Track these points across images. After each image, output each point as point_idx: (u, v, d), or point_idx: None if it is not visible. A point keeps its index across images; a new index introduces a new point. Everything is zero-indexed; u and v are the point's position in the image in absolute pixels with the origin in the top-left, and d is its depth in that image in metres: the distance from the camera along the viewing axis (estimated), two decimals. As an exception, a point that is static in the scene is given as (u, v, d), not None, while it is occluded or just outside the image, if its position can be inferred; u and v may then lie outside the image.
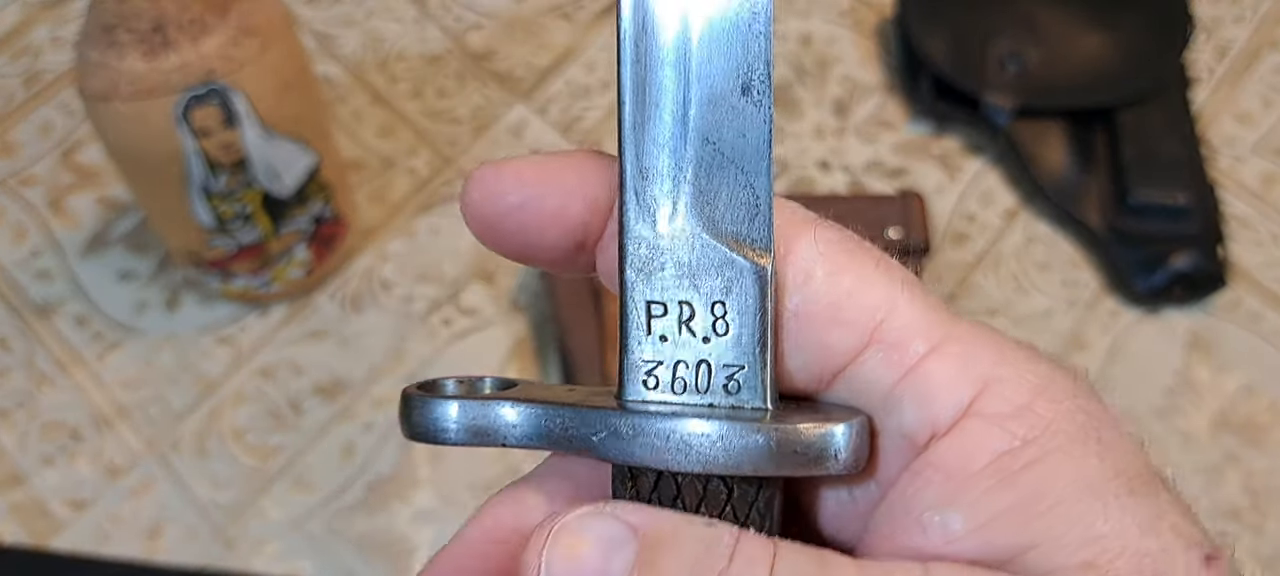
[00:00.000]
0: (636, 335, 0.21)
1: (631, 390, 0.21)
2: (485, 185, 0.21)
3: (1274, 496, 0.62)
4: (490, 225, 0.21)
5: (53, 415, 0.64)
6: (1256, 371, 0.65)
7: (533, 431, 0.20)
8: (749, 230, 0.20)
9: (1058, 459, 0.18)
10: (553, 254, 0.21)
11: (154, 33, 0.51)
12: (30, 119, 0.75)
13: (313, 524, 0.61)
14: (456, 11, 0.79)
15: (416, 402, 0.21)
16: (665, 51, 0.20)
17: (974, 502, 0.18)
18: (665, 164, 0.20)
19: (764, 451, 0.19)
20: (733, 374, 0.20)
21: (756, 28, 0.20)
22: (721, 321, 0.20)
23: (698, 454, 0.19)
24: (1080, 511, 0.17)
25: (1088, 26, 0.74)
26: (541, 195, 0.21)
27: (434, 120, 0.75)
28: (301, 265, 0.65)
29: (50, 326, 0.67)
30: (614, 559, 0.18)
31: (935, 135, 0.74)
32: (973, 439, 0.18)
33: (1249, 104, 0.75)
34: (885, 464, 0.19)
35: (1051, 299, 0.68)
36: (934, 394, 0.19)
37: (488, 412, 0.21)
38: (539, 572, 0.18)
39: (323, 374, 0.65)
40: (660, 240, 0.20)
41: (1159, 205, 0.67)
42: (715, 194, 0.20)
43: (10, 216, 0.71)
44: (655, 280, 0.20)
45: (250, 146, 0.56)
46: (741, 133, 0.20)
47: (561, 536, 0.19)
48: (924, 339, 0.19)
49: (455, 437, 0.21)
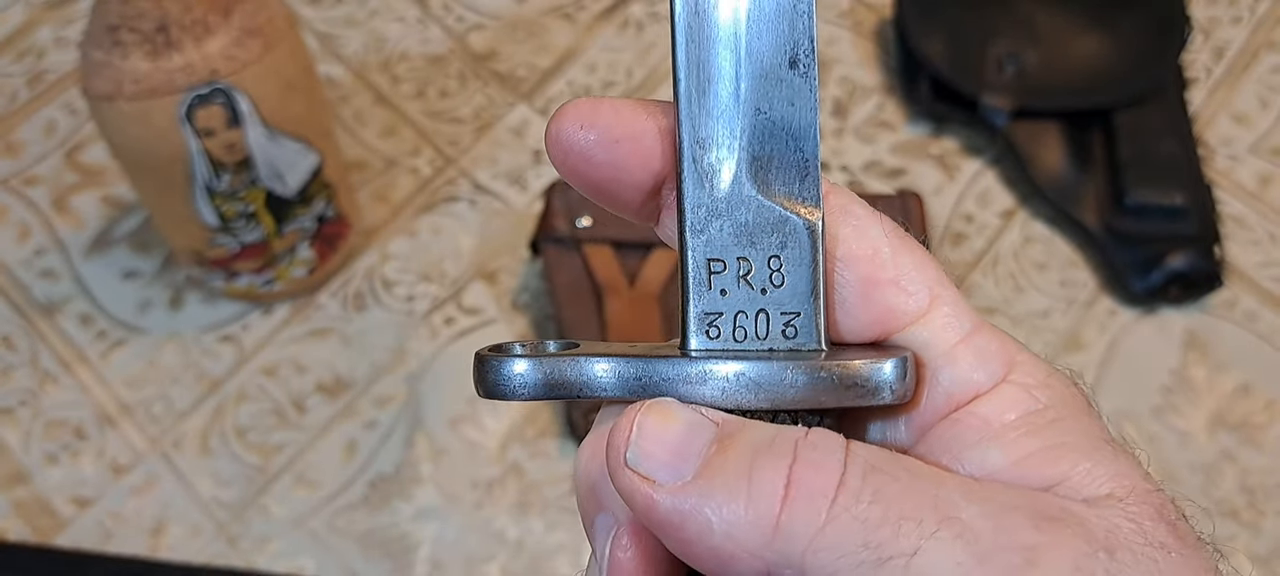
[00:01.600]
0: (698, 289, 0.22)
1: (696, 340, 0.22)
2: (583, 116, 0.22)
3: (1270, 494, 0.62)
4: (583, 156, 0.22)
5: (56, 413, 0.64)
6: (1253, 370, 0.66)
7: (608, 382, 0.22)
8: (800, 189, 0.22)
9: (1073, 420, 0.21)
10: (632, 193, 0.23)
11: (158, 33, 0.52)
12: (34, 119, 0.75)
13: (315, 521, 0.61)
14: (458, 12, 0.80)
15: (491, 362, 0.22)
16: (718, 31, 0.22)
17: (1010, 443, 0.21)
18: (720, 133, 0.22)
19: (828, 384, 0.21)
20: (790, 320, 0.22)
21: (801, 6, 0.22)
22: (777, 274, 0.22)
23: (767, 391, 0.21)
24: (1098, 457, 0.21)
25: (1085, 28, 0.74)
26: (640, 133, 0.22)
27: (436, 120, 0.75)
28: (304, 264, 0.66)
29: (54, 325, 0.67)
30: (697, 434, 0.21)
31: (934, 136, 0.74)
32: (1008, 399, 0.21)
33: (1246, 105, 0.75)
34: (927, 409, 0.22)
35: (1049, 298, 0.68)
36: (985, 358, 0.22)
37: (562, 367, 0.22)
38: (631, 431, 0.21)
39: (325, 372, 0.66)
40: (718, 203, 0.22)
41: (1156, 205, 0.67)
42: (768, 159, 0.22)
43: (14, 216, 0.71)
44: (714, 239, 0.22)
45: (253, 146, 0.57)
46: (790, 101, 0.22)
47: (655, 410, 0.21)
48: (971, 316, 0.22)
49: (530, 392, 0.22)
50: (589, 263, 0.64)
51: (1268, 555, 0.61)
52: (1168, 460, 0.63)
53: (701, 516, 0.20)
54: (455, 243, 0.70)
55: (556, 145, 0.22)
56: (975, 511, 0.19)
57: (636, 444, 0.21)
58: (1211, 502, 0.62)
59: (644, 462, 0.20)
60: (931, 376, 0.22)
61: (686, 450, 0.20)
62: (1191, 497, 0.51)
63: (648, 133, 0.22)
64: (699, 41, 0.22)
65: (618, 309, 0.63)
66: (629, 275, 0.64)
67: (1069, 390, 0.22)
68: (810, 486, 0.19)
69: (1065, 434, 0.21)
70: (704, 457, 0.20)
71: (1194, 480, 0.62)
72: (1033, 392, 0.21)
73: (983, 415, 0.21)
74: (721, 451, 0.20)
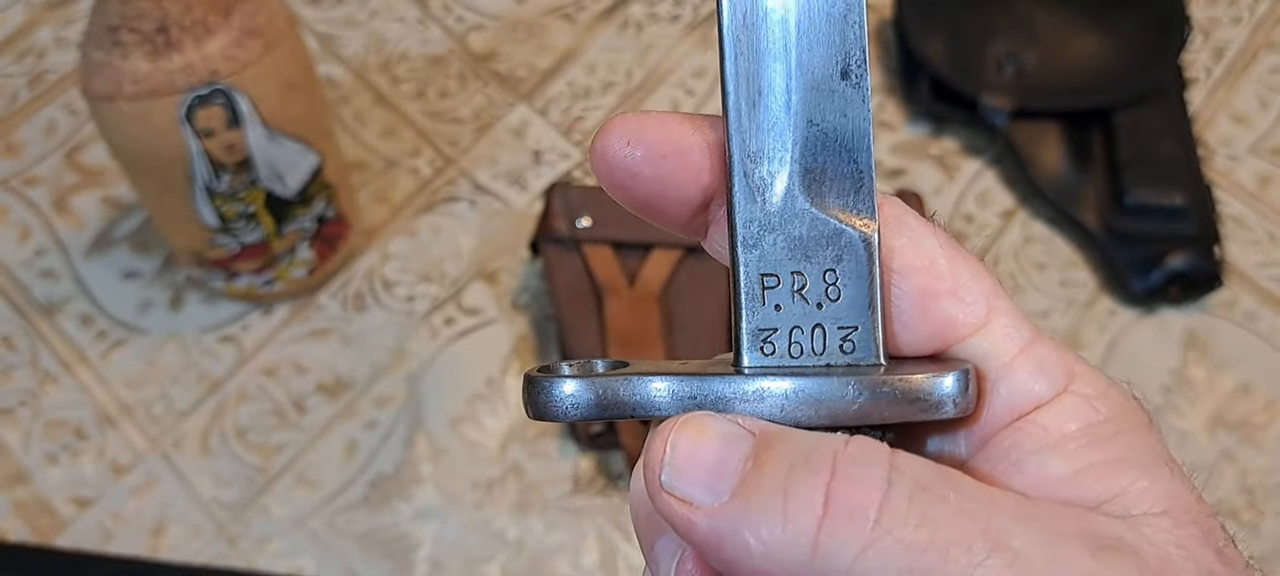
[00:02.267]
0: (752, 305, 0.22)
1: (750, 357, 0.22)
2: (629, 132, 0.22)
3: (1270, 494, 0.62)
4: (630, 172, 0.22)
5: (57, 413, 0.65)
6: (1252, 370, 0.66)
7: (664, 402, 0.21)
8: (855, 201, 0.22)
9: (1133, 434, 0.21)
10: (680, 209, 0.23)
11: (158, 34, 0.52)
12: (34, 119, 0.75)
13: (315, 521, 0.61)
14: (458, 12, 0.80)
15: (541, 383, 0.22)
16: (768, 44, 0.22)
17: (1070, 454, 0.20)
18: (772, 147, 0.22)
19: (891, 399, 0.21)
20: (847, 334, 0.22)
21: (852, 17, 0.21)
22: (833, 288, 0.22)
23: (827, 407, 0.21)
24: (1155, 474, 0.20)
25: (1085, 28, 0.74)
26: (688, 147, 0.22)
27: (436, 121, 0.75)
28: (304, 264, 0.66)
29: (54, 325, 0.67)
30: (733, 449, 0.20)
31: (933, 136, 0.74)
32: (1069, 410, 0.21)
33: (1246, 105, 0.75)
34: (987, 420, 0.22)
35: (1049, 298, 0.68)
36: (1045, 369, 0.21)
37: (615, 387, 0.22)
38: (665, 452, 0.20)
39: (325, 372, 0.66)
40: (770, 217, 0.22)
41: (1156, 205, 0.67)
42: (821, 171, 0.22)
43: (14, 216, 0.71)
44: (767, 254, 0.22)
45: (253, 147, 0.57)
46: (843, 113, 0.22)
47: (689, 426, 0.20)
48: (1028, 327, 0.22)
49: (582, 413, 0.22)
50: (589, 263, 0.64)
51: (1267, 555, 0.61)
52: (1167, 460, 0.63)
53: (740, 538, 0.19)
54: (455, 243, 0.70)
55: (603, 162, 0.22)
56: (1029, 538, 0.19)
57: (671, 464, 0.20)
58: (1211, 502, 0.62)
59: (680, 483, 0.20)
60: (991, 387, 0.21)
61: (722, 467, 0.20)
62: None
63: (695, 147, 0.22)
64: (748, 54, 0.22)
65: (617, 309, 0.63)
66: (629, 275, 0.64)
67: (1128, 403, 0.22)
68: (850, 504, 0.19)
69: (1125, 448, 0.21)
70: (740, 474, 0.20)
71: (1194, 479, 0.62)
72: (1094, 404, 0.21)
73: (1043, 424, 0.21)
74: (758, 467, 0.20)
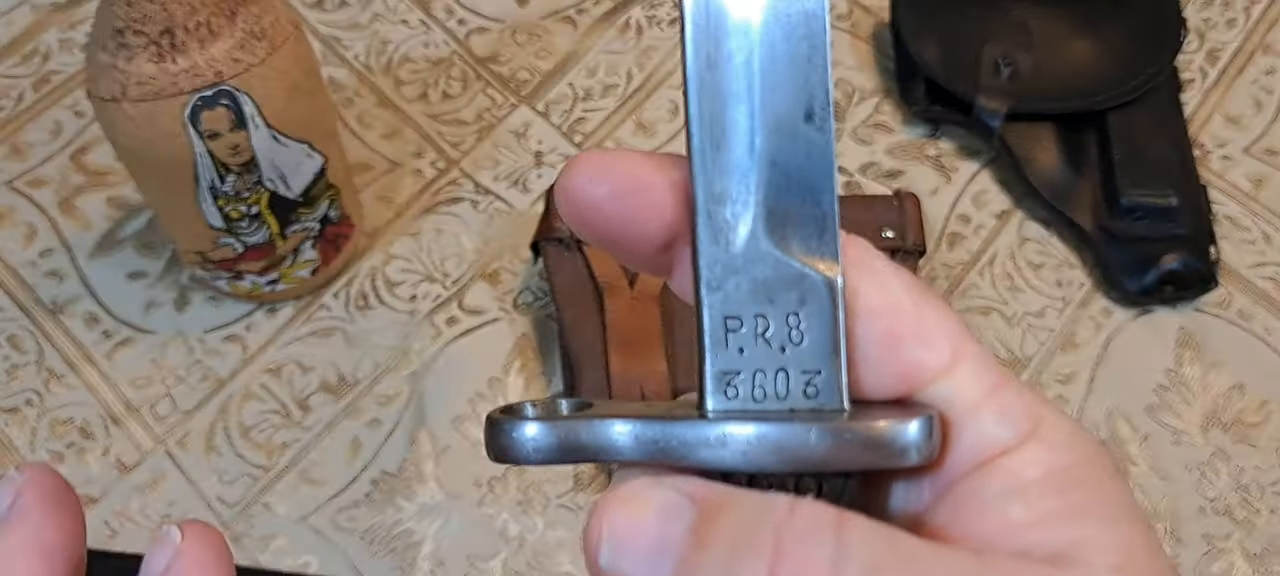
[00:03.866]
0: (715, 348, 0.22)
1: (713, 400, 0.22)
2: (593, 168, 0.22)
3: (1264, 492, 0.63)
4: (594, 207, 0.22)
5: (62, 412, 0.65)
6: (1247, 369, 0.66)
7: (626, 445, 0.21)
8: (818, 245, 0.22)
9: (1099, 483, 0.21)
10: (643, 245, 0.22)
11: (163, 36, 0.52)
12: (40, 121, 0.76)
13: (319, 519, 0.62)
14: (461, 15, 0.80)
15: (503, 426, 0.22)
16: (731, 85, 0.21)
17: (1033, 500, 0.20)
18: (736, 189, 0.21)
19: (853, 445, 0.20)
20: (810, 379, 0.22)
21: (816, 60, 0.21)
22: (795, 331, 0.22)
23: (790, 454, 0.20)
24: (1116, 526, 0.20)
25: (1080, 31, 0.75)
26: (651, 184, 0.22)
27: (439, 122, 0.76)
28: (308, 265, 0.66)
29: (60, 325, 0.68)
30: (673, 523, 0.19)
31: (930, 138, 0.75)
32: (1034, 455, 0.21)
33: (1240, 107, 0.76)
34: (952, 465, 0.21)
35: (1044, 298, 0.69)
36: (1010, 414, 0.21)
37: (577, 430, 0.21)
38: (602, 536, 0.20)
39: (329, 371, 0.66)
40: (734, 259, 0.22)
41: (1150, 206, 0.68)
42: (784, 213, 0.22)
43: (21, 217, 0.72)
44: (731, 296, 0.22)
45: (258, 148, 0.57)
46: (806, 155, 0.21)
47: (626, 502, 0.20)
48: (996, 371, 0.22)
49: (544, 456, 0.21)
50: (590, 263, 0.65)
51: (1262, 553, 0.61)
52: (1162, 458, 0.64)
53: None
54: (458, 243, 0.71)
55: (567, 198, 0.22)
56: None
57: (609, 543, 0.20)
58: (1206, 501, 0.63)
59: (620, 563, 0.19)
60: (956, 433, 0.21)
61: (663, 546, 0.19)
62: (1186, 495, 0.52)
63: (658, 185, 0.22)
64: (712, 95, 0.21)
65: (618, 309, 0.63)
66: (630, 275, 0.65)
67: (1095, 451, 0.21)
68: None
69: (1088, 497, 0.20)
70: (680, 553, 0.19)
71: (1188, 478, 0.63)
72: (1058, 451, 0.21)
73: (1011, 470, 0.21)
74: (699, 545, 0.19)
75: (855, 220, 0.68)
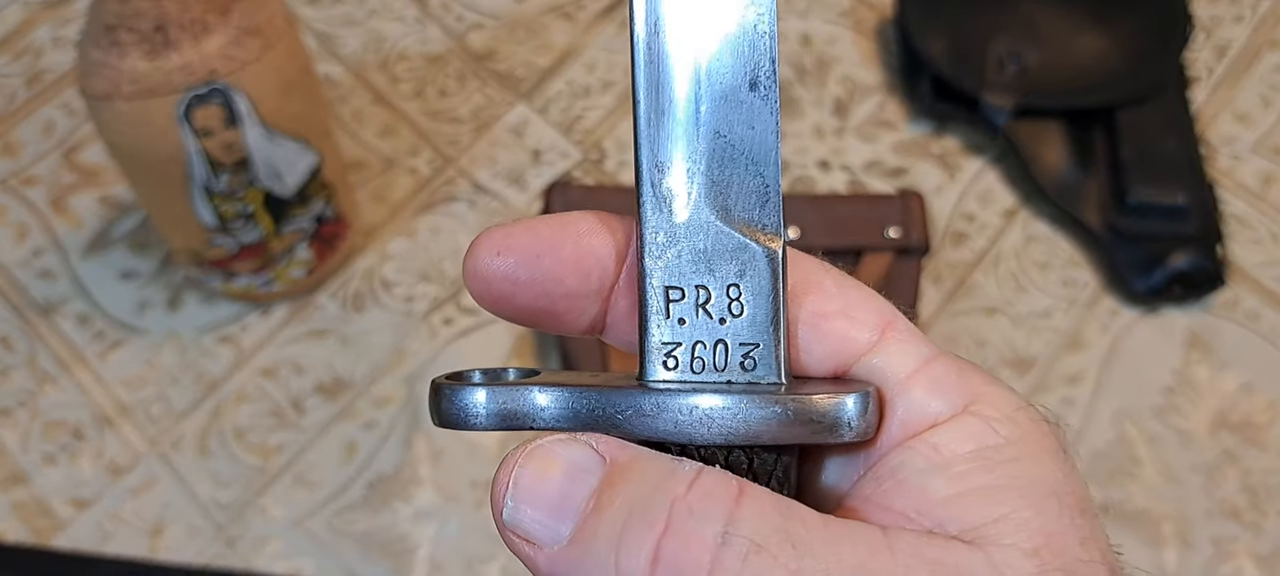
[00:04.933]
0: (656, 319, 0.22)
1: (652, 371, 0.22)
2: (496, 244, 0.21)
3: (1272, 494, 0.62)
4: (507, 280, 0.21)
5: (55, 414, 0.64)
6: (1255, 370, 0.65)
7: (561, 413, 0.21)
8: (760, 216, 0.21)
9: (1031, 461, 0.20)
10: (567, 304, 0.22)
11: (156, 32, 0.52)
12: (32, 119, 0.75)
13: (314, 522, 0.61)
14: (457, 11, 0.79)
15: (447, 391, 0.21)
16: (677, 52, 0.21)
17: (956, 475, 0.20)
18: (679, 157, 0.21)
19: (785, 421, 0.20)
20: (749, 352, 0.21)
21: (761, 28, 0.21)
22: (736, 303, 0.21)
23: (720, 426, 0.20)
24: (1041, 507, 0.19)
25: (1087, 27, 0.74)
26: (561, 244, 0.21)
27: (435, 120, 0.75)
28: (303, 264, 0.65)
29: (52, 325, 0.67)
30: (578, 483, 0.19)
31: (935, 135, 0.74)
32: (965, 430, 0.20)
33: (1248, 104, 0.75)
34: (882, 439, 0.21)
35: (1051, 298, 0.68)
36: (942, 388, 0.21)
37: (517, 397, 0.21)
38: (507, 488, 0.19)
39: (324, 373, 0.65)
40: (677, 228, 0.21)
41: (1158, 204, 0.67)
42: (727, 183, 0.21)
43: (12, 216, 0.71)
44: (672, 266, 0.22)
45: (252, 146, 0.56)
46: (750, 125, 0.21)
47: (534, 457, 0.20)
48: (927, 346, 0.22)
49: (485, 422, 0.21)
50: (589, 262, 0.64)
51: (1270, 555, 0.60)
52: (1170, 460, 0.63)
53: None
54: (454, 242, 0.70)
55: (476, 280, 0.21)
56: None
57: (513, 498, 0.19)
58: (1213, 503, 0.62)
59: (523, 522, 0.19)
60: (887, 406, 0.21)
61: (565, 504, 0.19)
62: (1193, 498, 0.51)
63: (567, 242, 0.21)
64: (658, 62, 0.21)
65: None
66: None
67: (1036, 427, 0.21)
68: (678, 564, 0.18)
69: (1017, 475, 0.20)
70: (581, 514, 0.19)
71: (1196, 480, 0.62)
72: (994, 425, 0.20)
73: (935, 443, 0.20)
74: (598, 510, 0.19)
75: (859, 218, 0.67)
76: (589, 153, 0.73)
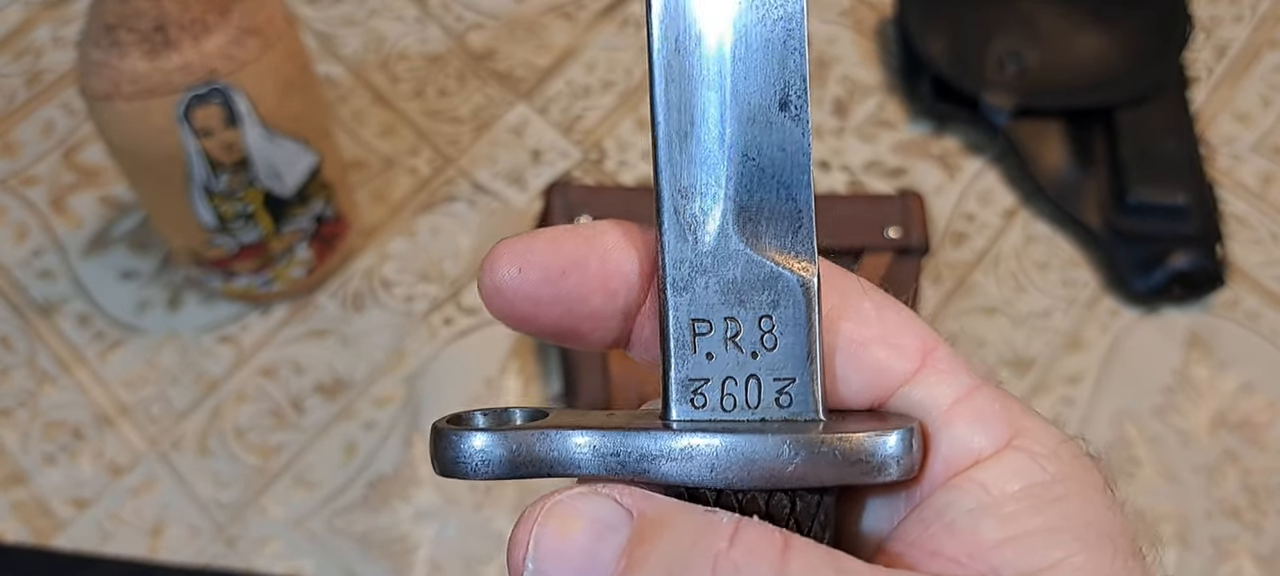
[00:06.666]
0: (681, 354, 0.20)
1: (679, 409, 0.20)
2: (517, 257, 0.20)
3: (1272, 494, 0.62)
4: (530, 298, 0.20)
5: (55, 414, 0.64)
6: (1255, 370, 0.65)
7: (583, 458, 0.19)
8: (794, 243, 0.20)
9: (1081, 500, 0.19)
10: (593, 323, 0.21)
11: (156, 32, 0.52)
12: (32, 118, 0.75)
13: (314, 522, 0.61)
14: (457, 11, 0.79)
15: (449, 437, 0.20)
16: (701, 70, 0.20)
17: (1007, 517, 0.19)
18: (705, 181, 0.20)
19: (830, 461, 0.19)
20: (784, 387, 0.20)
21: (791, 43, 0.20)
22: (768, 336, 0.20)
23: (761, 468, 0.19)
24: (1096, 551, 0.19)
25: (1087, 26, 0.74)
26: (585, 259, 0.20)
27: (435, 120, 0.75)
28: (303, 264, 0.65)
29: (52, 325, 0.67)
30: (605, 542, 0.18)
31: (935, 135, 0.74)
32: (1011, 467, 0.19)
33: (1248, 103, 0.75)
34: (925, 478, 0.20)
35: (1051, 298, 0.68)
36: (985, 421, 0.20)
37: (531, 443, 0.19)
38: (527, 550, 0.18)
39: (324, 373, 0.65)
40: (702, 258, 0.20)
41: (1158, 204, 0.67)
42: (757, 209, 0.20)
43: (12, 216, 0.71)
44: (699, 298, 0.20)
45: (252, 146, 0.56)
46: (781, 147, 0.20)
47: (554, 514, 0.18)
48: (968, 374, 0.20)
49: (493, 471, 0.19)
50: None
51: (1270, 555, 0.60)
52: (1170, 460, 0.63)
53: None
54: (454, 242, 0.70)
55: (496, 297, 0.20)
56: None
57: (534, 562, 0.18)
58: (1213, 503, 0.62)
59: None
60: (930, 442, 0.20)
61: (593, 566, 0.18)
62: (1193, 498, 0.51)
63: (592, 257, 0.20)
64: (680, 81, 0.20)
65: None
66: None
67: (1080, 463, 0.20)
68: None
69: (1067, 515, 0.19)
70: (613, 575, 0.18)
71: (1196, 480, 0.62)
72: (1040, 462, 0.19)
73: (982, 482, 0.19)
74: (631, 570, 0.17)
75: (859, 218, 0.67)
76: (589, 152, 0.73)
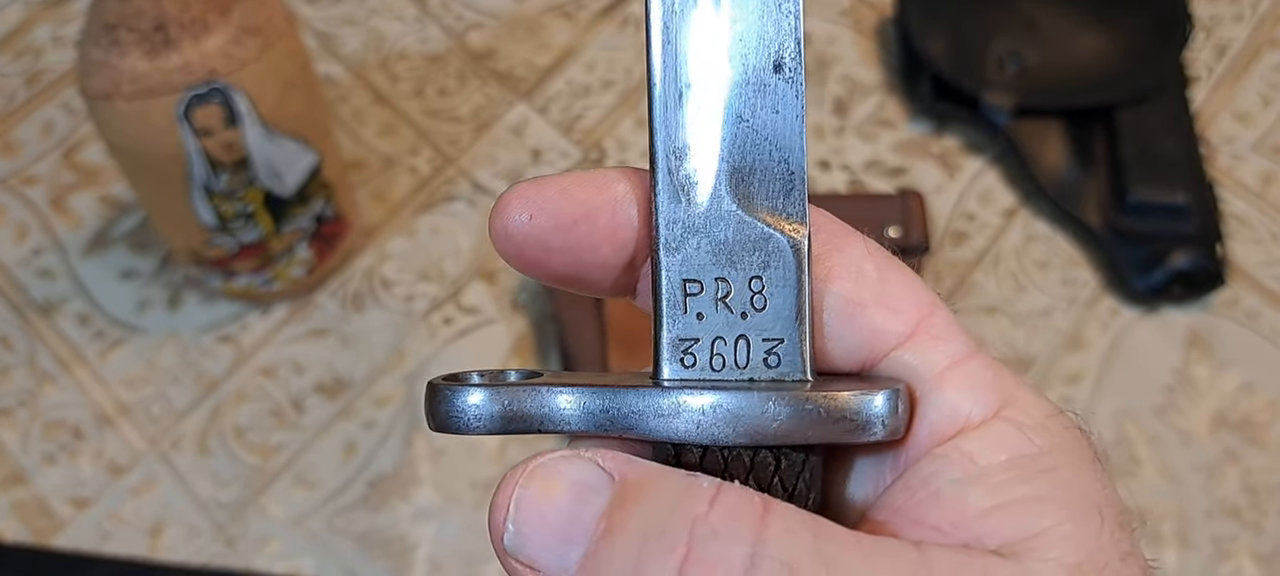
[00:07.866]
0: (672, 313, 0.21)
1: (669, 368, 0.21)
2: (529, 203, 0.20)
3: (1272, 493, 0.62)
4: (539, 245, 0.20)
5: (54, 413, 0.64)
6: (1255, 369, 0.65)
7: (571, 415, 0.20)
8: (784, 205, 0.20)
9: (1069, 471, 0.19)
10: (602, 274, 0.21)
11: (156, 32, 0.52)
12: (32, 118, 0.75)
13: (314, 522, 0.61)
14: (457, 11, 0.79)
15: (443, 392, 0.20)
16: (696, 33, 0.20)
17: (994, 487, 0.19)
18: (698, 143, 0.20)
19: (815, 418, 0.19)
20: (773, 347, 0.20)
21: (786, 6, 0.20)
22: (758, 296, 0.20)
23: (747, 425, 0.19)
24: (1083, 521, 0.19)
25: (1087, 26, 0.74)
26: (597, 209, 0.20)
27: (435, 119, 0.75)
28: (303, 264, 0.65)
29: (52, 325, 0.67)
30: (586, 504, 0.18)
31: (935, 134, 0.74)
32: (999, 436, 0.19)
33: (1248, 103, 0.75)
34: (912, 443, 0.20)
35: (1051, 297, 0.68)
36: (976, 388, 0.20)
37: (522, 399, 0.20)
38: (508, 512, 0.18)
39: (324, 372, 0.65)
40: (695, 219, 0.20)
41: (1158, 204, 0.67)
42: (750, 171, 0.20)
43: (12, 215, 0.71)
44: (690, 258, 0.20)
45: (252, 145, 0.56)
46: (774, 109, 0.20)
47: (536, 476, 0.18)
48: (963, 341, 0.20)
49: (484, 425, 0.20)
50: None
51: (1270, 554, 0.60)
52: (1170, 459, 0.63)
53: None
54: (454, 242, 0.70)
55: (507, 241, 0.20)
56: None
57: (515, 523, 0.18)
58: (1213, 502, 0.62)
59: (526, 548, 0.18)
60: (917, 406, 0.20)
61: (572, 529, 0.18)
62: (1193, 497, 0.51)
63: (603, 207, 0.20)
64: (675, 42, 0.20)
65: (617, 308, 0.63)
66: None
67: (1070, 435, 0.20)
68: None
69: (1055, 486, 0.19)
70: (591, 538, 0.17)
71: (1196, 479, 0.62)
72: (1028, 433, 0.19)
73: (969, 451, 0.19)
74: (609, 533, 0.17)
75: (858, 217, 0.67)
76: (589, 152, 0.73)
